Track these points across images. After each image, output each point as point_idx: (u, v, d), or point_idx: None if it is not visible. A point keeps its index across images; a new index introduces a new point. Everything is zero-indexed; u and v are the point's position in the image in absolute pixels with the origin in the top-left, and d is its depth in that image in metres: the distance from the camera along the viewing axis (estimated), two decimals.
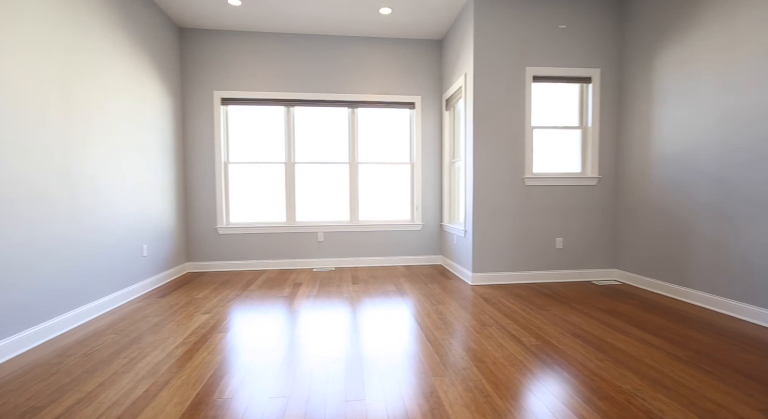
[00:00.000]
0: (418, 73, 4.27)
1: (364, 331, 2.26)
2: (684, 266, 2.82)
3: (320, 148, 4.26)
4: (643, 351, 1.93)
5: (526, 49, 3.35)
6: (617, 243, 3.50)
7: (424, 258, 4.38)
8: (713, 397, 1.50)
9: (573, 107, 3.55)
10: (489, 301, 2.85)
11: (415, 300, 2.89)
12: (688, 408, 1.42)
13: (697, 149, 2.71)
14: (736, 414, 1.38)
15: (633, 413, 1.40)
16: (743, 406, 1.43)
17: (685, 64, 2.79)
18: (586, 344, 2.04)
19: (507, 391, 1.56)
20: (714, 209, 2.59)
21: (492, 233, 3.39)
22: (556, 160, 3.54)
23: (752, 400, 1.47)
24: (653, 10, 3.07)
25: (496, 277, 3.40)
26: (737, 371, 1.72)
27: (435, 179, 4.37)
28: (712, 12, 2.59)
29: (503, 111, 3.36)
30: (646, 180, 3.16)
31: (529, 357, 1.88)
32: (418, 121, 4.29)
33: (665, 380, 1.64)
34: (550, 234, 3.45)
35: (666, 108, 2.96)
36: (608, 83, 3.45)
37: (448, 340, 2.11)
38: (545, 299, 2.89)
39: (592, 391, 1.55)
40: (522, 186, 3.41)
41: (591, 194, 3.48)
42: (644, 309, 2.62)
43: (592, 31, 3.42)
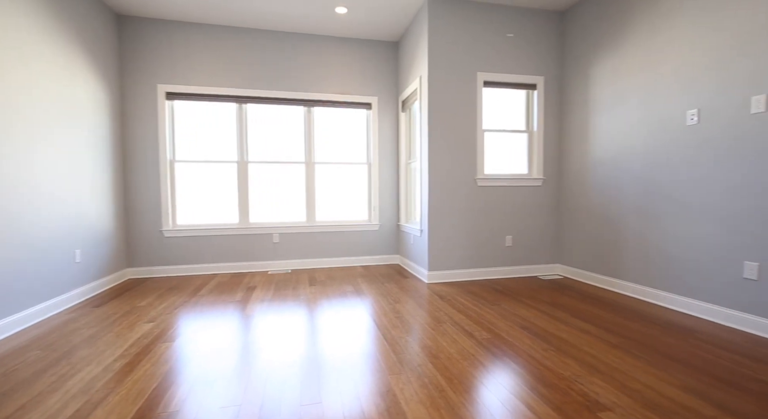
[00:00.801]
0: (375, 74, 4.30)
1: (322, 333, 2.23)
2: (616, 259, 3.09)
3: (275, 147, 4.13)
4: (581, 340, 2.09)
5: (478, 55, 3.50)
6: (560, 240, 3.75)
7: (382, 258, 4.41)
8: (641, 378, 1.66)
9: (520, 112, 3.76)
10: (444, 298, 2.93)
11: (372, 300, 2.90)
12: (620, 390, 1.56)
13: (626, 153, 2.98)
14: (660, 392, 1.54)
15: (573, 397, 1.51)
16: (666, 385, 1.60)
17: (616, 76, 3.06)
18: (532, 335, 2.16)
19: (460, 385, 1.61)
20: (640, 208, 2.86)
21: (447, 232, 3.49)
22: (506, 162, 3.72)
23: (673, 379, 1.65)
24: (589, 26, 3.33)
25: (451, 275, 3.51)
26: (661, 353, 1.91)
27: (392, 179, 4.41)
28: (637, 31, 2.86)
29: (456, 114, 3.48)
30: (584, 181, 3.43)
31: (481, 351, 1.96)
32: (375, 121, 4.31)
33: (600, 365, 1.79)
34: (501, 232, 3.62)
35: (600, 116, 3.23)
36: (551, 91, 3.70)
37: (404, 338, 2.14)
38: (496, 294, 3.03)
39: (538, 379, 1.65)
40: (474, 187, 3.55)
41: (537, 195, 3.70)
42: (583, 301, 2.83)
43: (537, 42, 3.64)
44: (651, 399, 1.49)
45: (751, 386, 1.58)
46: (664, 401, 1.47)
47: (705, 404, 1.45)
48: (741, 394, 1.52)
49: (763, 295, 2.11)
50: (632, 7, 2.91)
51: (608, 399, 1.49)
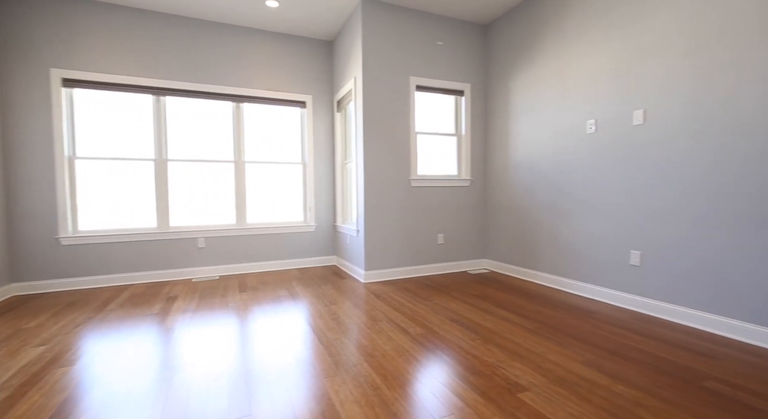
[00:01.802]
0: (310, 72, 4.21)
1: (253, 342, 2.12)
2: (533, 253, 3.42)
3: (201, 145, 3.83)
4: (504, 328, 2.28)
5: (411, 59, 3.61)
6: (486, 236, 4.04)
7: (318, 259, 4.34)
8: (553, 358, 1.86)
9: (450, 116, 3.97)
10: (380, 297, 2.98)
11: (308, 303, 2.84)
12: (536, 371, 1.73)
13: (539, 158, 3.32)
14: (567, 369, 1.74)
15: (497, 382, 1.64)
16: (572, 362, 1.81)
17: (531, 87, 3.39)
18: (462, 327, 2.30)
19: (395, 381, 1.66)
20: (551, 206, 3.21)
21: (382, 231, 3.55)
22: (437, 163, 3.90)
23: (576, 356, 1.88)
24: (508, 40, 3.64)
25: (387, 273, 3.58)
26: (567, 334, 2.16)
27: (328, 179, 4.36)
28: (547, 49, 3.20)
29: (391, 116, 3.55)
30: (506, 182, 3.74)
31: (415, 346, 2.03)
32: (310, 121, 4.22)
33: (520, 350, 1.96)
34: (433, 231, 3.79)
35: (518, 123, 3.55)
36: (477, 97, 3.97)
37: (340, 339, 2.13)
38: (429, 290, 3.17)
39: (466, 368, 1.76)
40: (408, 187, 3.66)
41: (465, 194, 3.94)
42: (506, 292, 3.09)
43: (464, 51, 3.88)
44: (560, 375, 1.68)
45: (635, 355, 1.87)
46: (569, 376, 1.67)
47: (600, 375, 1.68)
48: (627, 363, 1.78)
49: (645, 278, 2.50)
50: (543, 27, 3.24)
51: (526, 380, 1.65)
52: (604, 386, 1.58)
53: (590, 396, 1.51)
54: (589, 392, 1.54)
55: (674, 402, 1.46)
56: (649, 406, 1.43)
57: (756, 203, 1.96)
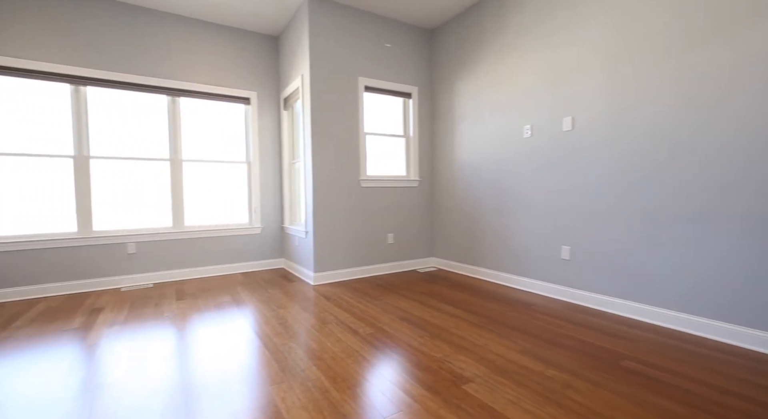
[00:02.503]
0: (255, 68, 4.04)
1: (192, 353, 1.98)
2: (478, 250, 3.60)
3: (130, 141, 3.49)
4: (451, 323, 2.36)
5: (359, 60, 3.62)
6: (434, 235, 4.17)
7: (265, 263, 4.18)
8: (495, 349, 1.96)
9: (398, 118, 4.04)
10: (330, 299, 2.94)
11: (254, 309, 2.72)
12: (479, 362, 1.81)
13: (482, 160, 3.49)
14: (507, 358, 1.85)
15: (443, 375, 1.69)
16: (511, 351, 1.93)
17: (474, 92, 3.56)
18: (411, 325, 2.35)
19: (344, 383, 1.64)
20: (494, 206, 3.39)
21: (332, 232, 3.51)
22: (387, 164, 3.95)
23: (515, 346, 2.00)
24: (453, 46, 3.79)
25: (337, 275, 3.55)
26: (508, 326, 2.30)
27: (275, 179, 4.22)
28: (488, 56, 3.38)
29: (339, 116, 3.53)
30: (451, 183, 3.88)
31: (365, 346, 2.03)
32: (255, 118, 4.05)
33: (465, 343, 2.05)
34: (383, 231, 3.83)
35: (463, 126, 3.71)
36: (424, 100, 4.08)
37: (288, 344, 2.06)
38: (379, 290, 3.19)
39: (414, 365, 1.80)
40: (358, 187, 3.66)
41: (414, 195, 4.03)
42: (453, 288, 3.21)
43: (412, 54, 3.96)
44: (501, 365, 1.78)
45: (565, 342, 2.04)
46: (509, 364, 1.78)
47: (536, 361, 1.80)
48: (559, 349, 1.94)
49: (574, 271, 2.74)
50: (484, 36, 3.42)
51: (470, 371, 1.72)
52: (538, 372, 1.71)
53: (527, 382, 1.61)
54: (525, 378, 1.65)
55: (598, 382, 1.62)
56: (577, 387, 1.57)
57: (665, 201, 2.24)
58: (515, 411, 1.41)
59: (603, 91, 2.51)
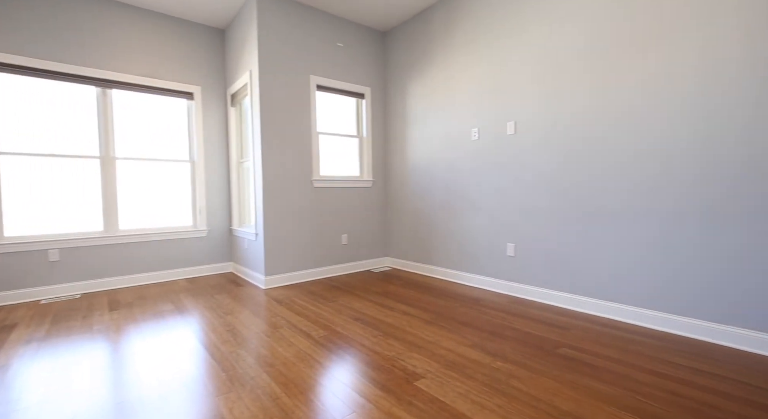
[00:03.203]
0: (199, 61, 3.80)
1: (128, 367, 1.82)
2: (430, 249, 3.69)
3: (53, 136, 3.13)
4: (404, 321, 2.40)
5: (311, 58, 3.55)
6: (388, 235, 4.22)
7: (212, 267, 3.96)
8: (445, 345, 2.03)
9: (352, 118, 4.03)
10: (282, 302, 2.86)
11: (199, 316, 2.57)
12: (431, 358, 1.86)
13: (433, 161, 3.60)
14: (457, 352, 1.92)
15: (396, 374, 1.71)
16: (461, 346, 2.01)
17: (425, 95, 3.65)
18: (365, 325, 2.35)
19: (296, 388, 1.60)
20: (444, 206, 3.51)
21: (284, 234, 3.42)
22: (341, 164, 3.92)
23: (464, 340, 2.08)
24: (404, 49, 3.86)
25: (290, 277, 3.46)
26: (458, 321, 2.39)
27: (222, 179, 4.01)
28: (438, 60, 3.49)
29: (290, 114, 3.44)
30: (404, 183, 3.95)
31: (318, 349, 2.00)
32: (199, 114, 3.82)
33: (418, 340, 2.09)
34: (337, 231, 3.79)
35: (415, 128, 3.79)
36: (377, 101, 4.10)
37: (236, 352, 1.97)
38: (334, 291, 3.16)
39: (368, 365, 1.81)
40: (311, 188, 3.59)
41: (368, 195, 4.04)
42: (406, 287, 3.26)
43: (365, 55, 3.97)
44: (451, 359, 1.84)
45: (510, 334, 2.16)
46: (459, 359, 1.85)
47: (483, 354, 1.89)
48: (504, 341, 2.05)
49: (518, 267, 2.92)
50: (434, 40, 3.52)
51: (423, 368, 1.76)
52: (486, 364, 1.79)
53: (475, 375, 1.69)
54: (474, 371, 1.72)
55: (538, 369, 1.73)
56: (520, 376, 1.67)
57: (595, 200, 2.45)
58: (464, 403, 1.47)
59: (538, 98, 2.70)
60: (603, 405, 1.44)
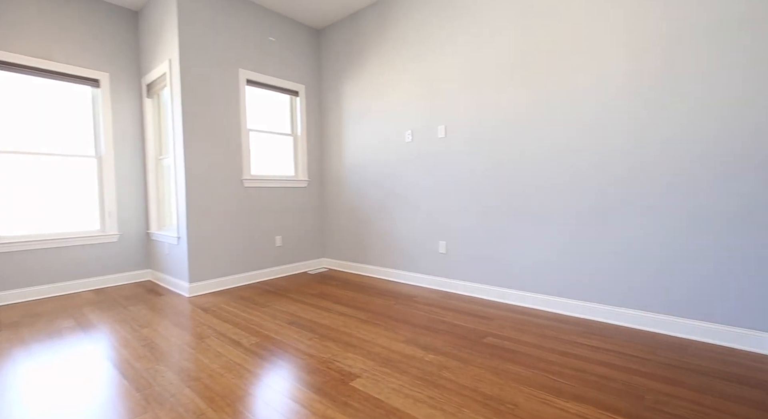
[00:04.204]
0: (107, 45, 3.37)
1: (11, 399, 1.55)
2: (367, 249, 3.73)
3: None
4: (340, 322, 2.39)
5: (240, 51, 3.36)
6: (324, 236, 4.16)
7: (126, 276, 3.54)
8: (381, 342, 2.06)
9: (286, 116, 3.90)
10: (209, 310, 2.66)
11: (108, 332, 2.28)
12: (366, 357, 1.88)
13: (369, 161, 3.63)
14: (391, 349, 1.96)
15: (331, 375, 1.70)
16: (395, 342, 2.05)
17: (361, 96, 3.67)
18: (300, 328, 2.29)
19: (223, 401, 1.51)
20: (380, 206, 3.56)
21: (211, 237, 3.19)
22: (275, 163, 3.77)
23: (399, 337, 2.14)
24: (339, 48, 3.84)
25: (219, 283, 3.24)
26: (393, 319, 2.44)
27: (136, 177, 3.61)
28: (372, 62, 3.53)
29: (217, 109, 3.22)
30: (341, 184, 3.93)
31: (249, 358, 1.90)
32: (108, 104, 3.39)
33: (354, 340, 2.10)
34: (271, 233, 3.64)
35: (351, 128, 3.79)
36: (312, 99, 4.03)
37: (154, 368, 1.79)
38: (267, 295, 3.03)
39: (302, 369, 1.77)
40: (241, 188, 3.40)
41: (303, 195, 3.95)
42: (343, 288, 3.25)
43: (299, 52, 3.87)
44: (386, 356, 1.88)
45: (441, 327, 2.27)
46: (393, 355, 1.89)
47: (416, 349, 1.96)
48: (436, 335, 2.15)
49: (449, 263, 3.07)
50: (367, 42, 3.56)
51: (358, 367, 1.77)
52: (419, 358, 1.86)
53: (408, 369, 1.74)
54: (408, 366, 1.78)
55: (467, 359, 1.85)
56: (450, 366, 1.77)
57: (516, 200, 2.68)
58: (398, 398, 1.51)
59: (467, 104, 2.88)
60: (521, 386, 1.58)
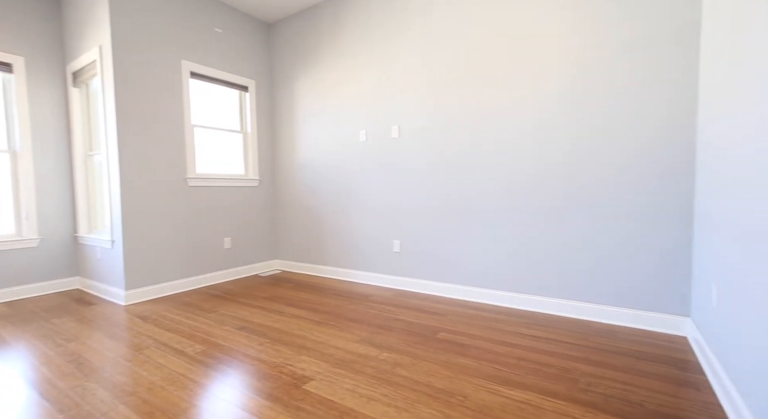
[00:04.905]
0: (20, 25, 2.99)
1: None
2: (322, 249, 3.67)
3: None
4: (293, 325, 2.34)
5: (183, 41, 3.15)
6: (277, 237, 4.03)
7: (48, 285, 3.17)
8: (335, 343, 2.04)
9: (235, 112, 3.72)
10: (148, 319, 2.47)
11: (26, 349, 2.03)
12: (320, 359, 1.85)
13: (323, 162, 3.58)
14: (346, 350, 1.95)
15: (283, 380, 1.65)
16: (350, 343, 2.05)
17: (315, 93, 3.61)
18: (250, 333, 2.20)
19: (164, 415, 1.41)
20: (335, 205, 3.53)
21: (150, 240, 2.96)
22: (223, 161, 3.58)
23: (353, 336, 2.14)
24: (292, 44, 3.74)
25: (160, 289, 3.01)
26: (348, 319, 2.43)
27: (61, 175, 3.24)
28: (326, 60, 3.48)
29: (157, 102, 2.99)
30: (294, 183, 3.84)
31: (194, 367, 1.79)
32: (23, 93, 3.01)
33: (307, 343, 2.06)
34: (219, 235, 3.46)
35: (304, 125, 3.71)
36: (263, 95, 3.88)
37: (81, 386, 1.62)
38: (215, 300, 2.87)
39: (253, 376, 1.70)
40: (185, 187, 3.19)
41: (254, 195, 3.79)
42: (297, 289, 3.18)
43: (249, 46, 3.71)
44: (340, 357, 1.86)
45: (395, 325, 2.30)
46: (348, 355, 1.88)
47: (371, 348, 1.97)
48: (390, 333, 2.17)
49: (403, 262, 3.12)
50: (321, 39, 3.50)
51: (311, 370, 1.74)
52: (373, 357, 1.87)
53: (363, 369, 1.74)
54: (362, 365, 1.78)
55: (420, 355, 1.89)
56: (405, 364, 1.79)
57: (466, 200, 2.78)
58: (353, 398, 1.50)
59: (420, 106, 2.94)
60: (470, 378, 1.65)
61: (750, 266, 1.19)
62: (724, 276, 1.46)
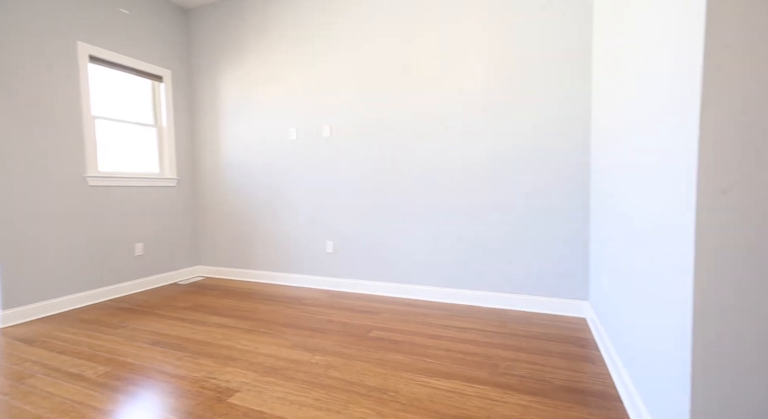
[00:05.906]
0: None
1: None
2: (251, 252, 3.47)
3: None
4: (218, 335, 2.17)
5: (81, 20, 2.74)
6: (199, 241, 3.72)
7: None
8: (265, 351, 1.94)
9: (148, 104, 3.35)
10: (34, 343, 2.10)
11: None
12: (248, 369, 1.75)
13: (251, 161, 3.39)
14: (277, 356, 1.87)
15: (205, 395, 1.53)
16: (281, 349, 1.96)
17: (241, 87, 3.40)
18: (165, 348, 1.99)
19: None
20: (264, 206, 3.37)
21: (36, 249, 2.52)
22: (133, 158, 3.19)
23: (286, 342, 2.06)
24: (214, 33, 3.48)
25: (51, 306, 2.59)
26: (280, 324, 2.33)
27: None
28: (254, 53, 3.31)
29: (45, 89, 2.57)
30: (218, 183, 3.58)
31: (96, 392, 1.57)
32: None
33: (234, 353, 1.93)
34: (128, 240, 3.08)
35: (230, 121, 3.48)
36: (180, 87, 3.55)
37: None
38: (123, 314, 2.55)
39: (170, 394, 1.54)
40: (85, 187, 2.78)
41: (171, 196, 3.45)
42: (223, 296, 2.96)
43: (162, 31, 3.36)
44: (270, 365, 1.78)
45: (329, 327, 2.27)
46: (279, 362, 1.81)
47: (304, 352, 1.92)
48: (324, 336, 2.14)
49: (337, 263, 3.09)
50: (247, 31, 3.32)
51: (237, 381, 1.63)
52: (305, 361, 1.82)
53: (295, 375, 1.69)
54: (294, 371, 1.72)
55: (353, 355, 1.88)
56: (337, 365, 1.77)
57: (398, 200, 2.85)
58: (283, 406, 1.44)
59: (351, 105, 2.94)
60: (402, 373, 1.69)
61: (631, 259, 1.40)
62: (613, 267, 1.69)
